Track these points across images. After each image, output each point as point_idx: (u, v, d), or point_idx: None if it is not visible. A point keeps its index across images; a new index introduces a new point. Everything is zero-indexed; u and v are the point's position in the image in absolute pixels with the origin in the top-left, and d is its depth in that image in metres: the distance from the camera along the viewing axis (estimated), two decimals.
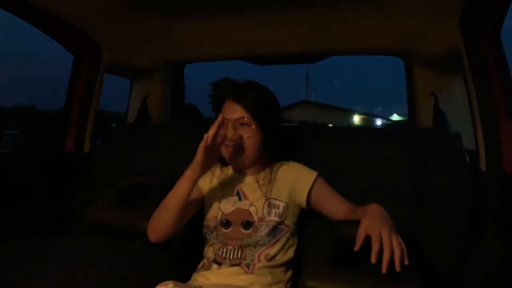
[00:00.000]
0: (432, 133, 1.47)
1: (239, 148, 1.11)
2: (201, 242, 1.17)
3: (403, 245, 0.86)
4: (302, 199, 1.15)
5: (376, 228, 0.87)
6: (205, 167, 1.08)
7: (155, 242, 1.13)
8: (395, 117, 24.81)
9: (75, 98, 1.64)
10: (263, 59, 1.94)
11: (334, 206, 1.13)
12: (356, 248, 0.87)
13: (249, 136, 1.11)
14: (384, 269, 0.82)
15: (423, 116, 1.67)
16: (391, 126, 17.60)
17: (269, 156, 1.18)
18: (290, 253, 1.12)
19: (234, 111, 1.12)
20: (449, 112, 1.59)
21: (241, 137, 1.11)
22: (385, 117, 26.39)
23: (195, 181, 1.08)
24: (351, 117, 24.50)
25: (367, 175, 1.31)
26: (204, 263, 1.12)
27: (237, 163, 1.15)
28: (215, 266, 1.08)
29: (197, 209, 1.18)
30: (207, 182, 1.19)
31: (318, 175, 1.17)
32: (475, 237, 1.10)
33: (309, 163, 1.21)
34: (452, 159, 1.25)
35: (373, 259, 0.83)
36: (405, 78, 1.80)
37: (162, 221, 1.11)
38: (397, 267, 0.82)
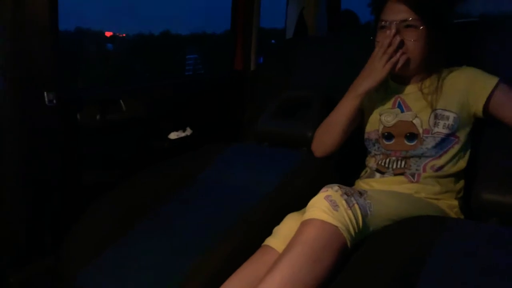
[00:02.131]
0: None
1: (403, 54, 1.01)
2: (364, 152, 1.18)
3: None
4: (478, 108, 1.01)
5: None
6: (380, 80, 1.03)
7: (321, 156, 1.19)
8: None
9: (238, 18, 1.76)
10: None
11: None
12: None
13: (416, 39, 1.00)
14: None
15: None
16: None
17: (438, 62, 1.05)
18: (461, 164, 1.04)
19: (398, 12, 1.00)
20: None
21: (405, 40, 1.00)
22: None
23: (363, 98, 1.06)
24: None
25: None
26: (367, 171, 1.15)
27: (401, 71, 1.04)
28: (378, 174, 1.09)
29: (358, 123, 1.17)
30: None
31: (500, 81, 1.00)
32: None
33: (490, 68, 1.04)
34: None
35: None
36: None
37: (329, 137, 1.14)
38: None
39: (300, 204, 0.93)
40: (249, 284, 0.82)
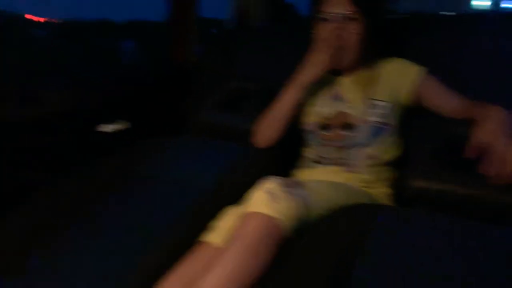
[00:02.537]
0: None
1: (341, 46, 1.04)
2: (302, 143, 1.20)
3: None
4: (407, 99, 1.08)
5: (494, 136, 0.78)
6: (321, 71, 1.05)
7: (263, 147, 1.19)
8: None
9: (176, 6, 1.69)
10: None
11: (446, 102, 1.04)
12: (467, 154, 0.81)
13: (355, 32, 1.03)
14: (495, 181, 0.75)
15: None
16: None
17: (373, 54, 1.10)
18: (394, 152, 1.09)
19: (338, 4, 1.03)
20: None
21: (344, 33, 1.03)
22: None
23: (306, 87, 1.08)
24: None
25: (490, 73, 1.15)
26: (305, 162, 1.16)
27: (338, 64, 1.08)
28: (316, 165, 1.12)
29: (297, 114, 1.18)
30: None
31: (426, 71, 1.07)
32: None
33: (418, 60, 1.10)
34: None
35: (484, 169, 0.76)
36: None
37: (271, 128, 1.14)
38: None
39: (240, 197, 0.92)
40: (187, 282, 0.79)
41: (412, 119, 1.11)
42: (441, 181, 0.88)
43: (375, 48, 1.09)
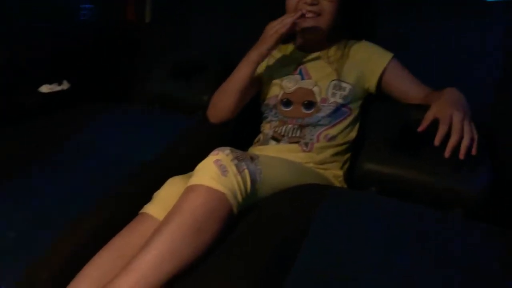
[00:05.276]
0: None
1: (314, 14, 1.01)
2: (259, 118, 1.15)
3: (475, 134, 0.77)
4: (371, 84, 1.06)
5: (447, 112, 0.78)
6: (273, 50, 1.03)
7: (216, 123, 1.14)
8: None
9: None
10: None
11: (409, 89, 1.03)
12: (420, 129, 0.80)
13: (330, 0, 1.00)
14: (447, 154, 0.75)
15: None
16: None
17: (343, 31, 1.07)
18: (352, 135, 1.07)
19: None
20: None
21: (319, 2, 1.00)
22: None
23: (258, 64, 1.05)
24: None
25: (453, 57, 1.15)
26: (260, 138, 1.12)
27: (309, 34, 1.04)
28: (272, 142, 1.07)
29: (257, 89, 1.15)
30: (266, 61, 1.12)
31: (393, 57, 1.05)
32: None
33: (388, 43, 1.08)
34: None
35: (436, 141, 0.76)
36: None
37: (223, 103, 1.10)
38: (461, 155, 0.75)
39: (186, 169, 0.85)
40: (121, 256, 0.72)
41: (371, 103, 1.10)
42: (393, 165, 0.87)
43: (347, 25, 1.06)
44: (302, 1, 1.00)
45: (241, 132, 1.18)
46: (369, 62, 1.06)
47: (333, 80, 1.05)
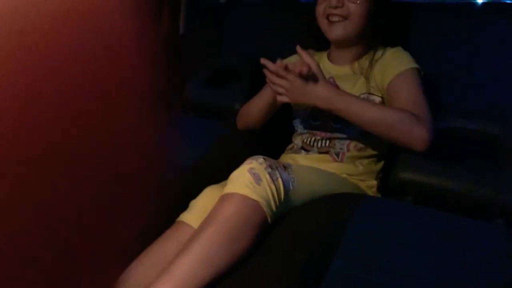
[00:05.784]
0: None
1: (341, 18, 0.99)
2: (291, 129, 1.15)
3: None
4: (384, 91, 1.00)
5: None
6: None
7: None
8: None
9: None
10: None
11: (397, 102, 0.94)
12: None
13: (359, 2, 0.98)
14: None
15: None
16: None
17: (375, 37, 1.04)
18: (383, 145, 1.05)
19: None
20: None
21: (347, 2, 0.99)
22: None
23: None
24: None
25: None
26: (293, 147, 1.12)
27: (338, 37, 1.02)
28: (303, 151, 1.07)
29: (280, 107, 1.12)
30: None
31: (409, 69, 0.96)
32: None
33: (420, 53, 1.05)
34: None
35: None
36: None
37: (250, 118, 1.13)
38: None
39: (221, 177, 0.87)
40: (158, 264, 0.74)
41: None
42: (429, 174, 0.86)
43: (378, 30, 1.03)
44: (328, 5, 1.00)
45: (271, 141, 1.19)
46: (385, 70, 1.00)
47: (363, 94, 1.01)
